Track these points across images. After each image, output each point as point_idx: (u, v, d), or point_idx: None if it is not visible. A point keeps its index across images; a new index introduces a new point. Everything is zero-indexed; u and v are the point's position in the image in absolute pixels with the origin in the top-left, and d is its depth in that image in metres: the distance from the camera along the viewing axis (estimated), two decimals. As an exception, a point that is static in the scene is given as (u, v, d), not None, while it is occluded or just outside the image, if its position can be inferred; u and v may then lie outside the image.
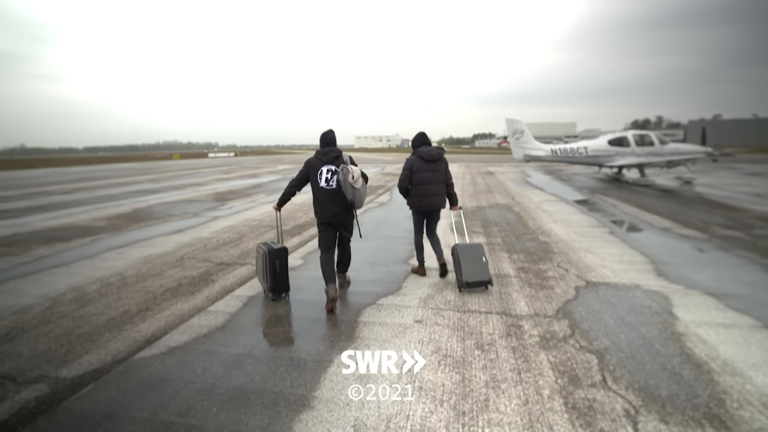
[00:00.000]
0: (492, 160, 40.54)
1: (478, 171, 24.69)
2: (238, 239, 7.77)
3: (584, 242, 7.05)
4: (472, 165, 31.56)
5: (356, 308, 4.43)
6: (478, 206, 11.28)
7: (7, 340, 3.93)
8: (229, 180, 21.87)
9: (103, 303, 4.78)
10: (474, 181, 18.39)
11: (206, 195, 15.17)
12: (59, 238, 8.20)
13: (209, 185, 19.11)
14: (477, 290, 4.85)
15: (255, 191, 16.06)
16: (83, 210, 12.10)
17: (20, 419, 2.77)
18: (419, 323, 4.03)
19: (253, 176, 24.22)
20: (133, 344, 3.77)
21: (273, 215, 9.96)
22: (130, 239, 7.98)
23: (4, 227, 9.60)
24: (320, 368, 3.26)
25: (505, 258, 6.23)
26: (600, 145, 17.67)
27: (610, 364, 3.20)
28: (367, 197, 7.52)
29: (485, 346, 3.55)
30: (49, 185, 21.49)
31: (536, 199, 12.46)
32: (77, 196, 16.00)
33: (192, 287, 5.22)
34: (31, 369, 3.41)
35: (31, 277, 5.78)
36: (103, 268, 6.13)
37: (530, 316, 4.15)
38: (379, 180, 18.39)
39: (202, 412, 2.78)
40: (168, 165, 44.84)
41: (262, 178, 22.81)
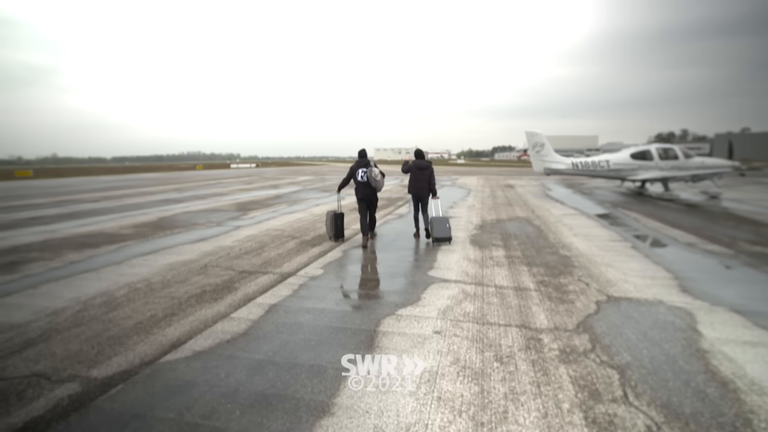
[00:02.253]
0: (512, 173, 40.30)
1: (497, 184, 24.59)
2: (260, 248, 7.92)
3: (606, 257, 6.97)
4: (492, 178, 31.42)
5: (375, 318, 4.48)
6: (498, 219, 11.24)
7: (41, 340, 4.10)
8: (251, 190, 22.26)
9: (131, 307, 4.94)
10: (493, 194, 18.33)
11: (229, 205, 15.49)
12: (89, 245, 8.50)
13: (231, 195, 19.50)
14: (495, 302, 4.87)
15: (276, 202, 16.32)
16: (111, 218, 12.50)
17: (54, 416, 2.90)
18: (438, 334, 4.05)
19: (274, 187, 24.61)
20: (160, 348, 3.90)
21: (293, 226, 10.24)
22: (155, 246, 8.22)
23: (38, 233, 9.99)
24: (340, 376, 3.32)
25: (524, 271, 6.21)
26: (622, 158, 17.43)
27: (632, 380, 3.17)
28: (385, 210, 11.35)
29: (504, 359, 3.55)
30: (79, 193, 22.24)
31: (556, 213, 12.35)
32: (105, 204, 16.53)
33: (215, 294, 5.36)
34: (64, 368, 3.55)
35: (63, 281, 6.01)
36: (130, 273, 6.33)
37: (550, 329, 4.13)
38: (398, 192, 18.49)
39: (226, 415, 2.86)
40: (192, 175, 45.90)
41: (282, 189, 23.15)
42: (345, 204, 10.22)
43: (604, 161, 17.68)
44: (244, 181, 31.05)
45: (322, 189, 22.33)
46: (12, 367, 3.59)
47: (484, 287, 5.49)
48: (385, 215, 12.09)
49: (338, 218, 8.56)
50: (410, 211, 12.36)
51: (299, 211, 13.32)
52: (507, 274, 6.06)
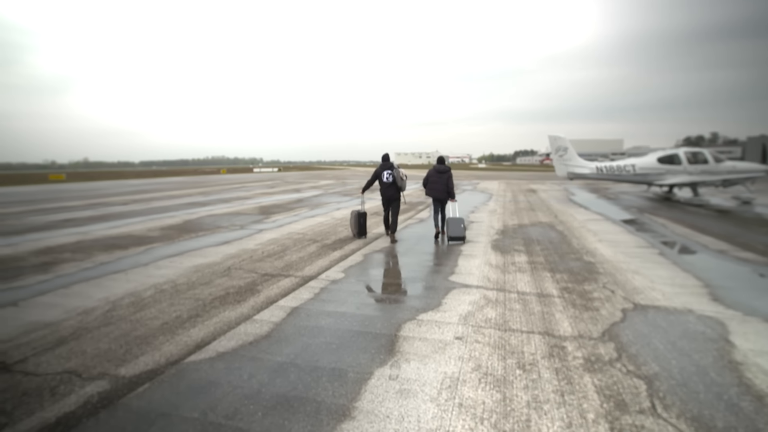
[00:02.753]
0: (534, 177, 39.78)
1: (519, 188, 24.31)
2: (282, 252, 8.01)
3: (632, 263, 6.80)
4: (514, 182, 31.09)
5: (396, 323, 4.48)
6: (520, 224, 11.11)
7: (73, 338, 4.24)
8: (273, 194, 22.57)
9: (158, 308, 5.06)
10: (515, 199, 18.12)
11: (251, 208, 15.73)
12: (118, 246, 8.75)
13: (254, 199, 19.81)
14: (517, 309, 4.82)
15: (297, 206, 16.50)
16: (139, 220, 12.85)
17: (85, 412, 2.99)
18: (459, 340, 4.02)
19: (296, 191, 24.88)
20: (185, 348, 3.98)
21: (315, 230, 10.33)
22: (181, 249, 8.41)
23: (70, 235, 10.35)
24: (361, 380, 3.33)
25: (547, 277, 6.11)
26: (649, 162, 17.01)
27: (660, 391, 3.08)
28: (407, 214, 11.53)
29: (527, 366, 3.50)
30: (109, 197, 22.95)
31: (580, 218, 12.13)
32: (133, 207, 17.00)
33: (239, 296, 5.44)
34: (94, 366, 3.66)
35: (93, 282, 6.21)
36: (157, 275, 6.49)
37: (574, 337, 4.05)
38: (419, 196, 18.44)
39: (249, 416, 2.90)
40: (216, 179, 46.81)
41: (304, 193, 23.40)
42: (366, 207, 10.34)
43: (629, 165, 17.30)
44: (267, 185, 31.51)
45: (343, 193, 22.47)
46: (45, 364, 3.72)
47: (506, 293, 5.42)
48: (405, 219, 12.08)
49: (361, 217, 9.38)
50: (431, 215, 12.41)
51: (321, 215, 13.44)
52: (529, 280, 5.98)
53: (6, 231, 11.25)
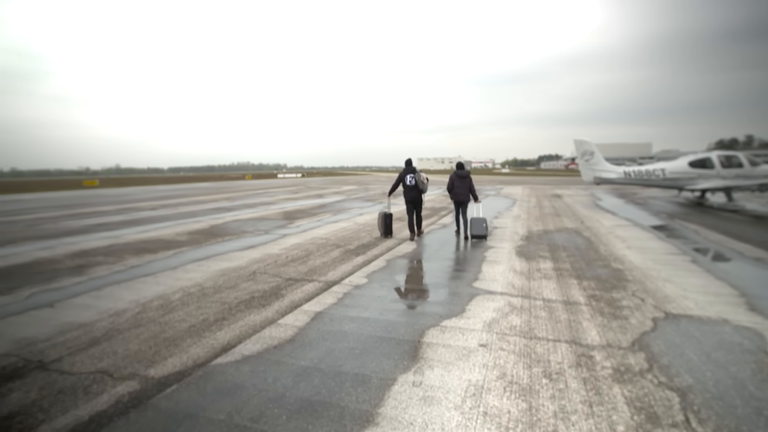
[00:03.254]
0: (559, 182, 39.09)
1: (544, 193, 23.93)
2: (306, 256, 8.09)
3: (662, 271, 6.60)
4: (538, 187, 30.62)
5: (420, 329, 4.46)
6: (545, 230, 10.92)
7: (105, 339, 4.38)
8: (297, 200, 22.84)
9: (185, 311, 5.18)
10: (540, 204, 17.84)
11: (276, 213, 15.95)
12: (148, 250, 9.00)
13: (278, 204, 20.08)
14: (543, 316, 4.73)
15: (321, 211, 16.65)
16: (168, 225, 13.19)
17: (116, 411, 3.08)
18: (484, 347, 3.97)
19: (319, 196, 25.12)
20: (211, 351, 4.05)
21: (338, 235, 10.40)
22: (208, 253, 8.59)
23: (103, 239, 10.71)
24: (384, 386, 3.32)
25: (574, 284, 5.98)
26: (680, 166, 16.51)
27: (695, 404, 2.97)
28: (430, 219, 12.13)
29: (553, 375, 3.43)
30: (139, 202, 23.65)
31: (608, 224, 11.84)
32: (162, 212, 17.47)
33: (263, 300, 5.52)
34: (125, 367, 3.77)
35: (124, 284, 6.40)
36: (185, 278, 6.64)
37: (602, 346, 3.95)
38: (441, 202, 18.39)
39: (273, 419, 2.93)
40: (241, 185, 47.69)
41: (327, 198, 23.60)
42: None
43: (659, 170, 16.82)
44: (290, 191, 31.89)
45: (365, 198, 22.57)
46: (79, 363, 3.85)
47: (531, 300, 5.34)
48: (429, 225, 12.05)
49: (388, 218, 10.17)
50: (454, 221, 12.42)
51: (343, 220, 13.52)
52: (555, 287, 5.86)
53: (43, 235, 11.72)
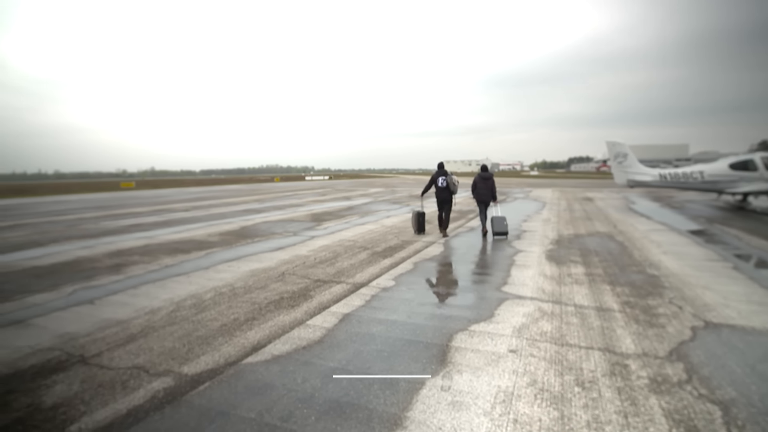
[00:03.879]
0: (590, 185, 38.12)
1: (574, 197, 23.37)
2: (334, 258, 8.16)
3: (701, 278, 6.34)
4: (568, 190, 29.95)
5: (448, 333, 4.42)
6: (576, 234, 10.66)
7: (141, 336, 4.53)
8: (324, 202, 23.08)
9: (217, 310, 5.30)
10: (570, 207, 17.43)
11: (304, 215, 16.16)
12: (181, 250, 9.27)
13: (306, 206, 20.34)
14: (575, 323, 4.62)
15: (348, 213, 16.76)
16: (200, 226, 13.56)
17: (152, 406, 3.18)
18: (513, 353, 3.91)
19: (346, 198, 25.31)
20: (242, 350, 4.13)
21: (365, 237, 10.46)
22: (238, 254, 8.78)
23: (139, 239, 11.10)
24: (412, 389, 3.31)
25: (607, 290, 5.82)
26: (719, 169, 15.81)
27: (738, 419, 2.83)
28: (457, 222, 12.64)
29: (586, 384, 3.34)
30: (173, 203, 24.41)
31: (642, 228, 11.46)
32: (195, 213, 17.97)
33: (292, 301, 5.60)
34: (160, 363, 3.89)
35: (159, 283, 6.61)
36: (216, 278, 6.81)
37: (638, 355, 3.82)
38: (468, 204, 18.15)
39: (302, 419, 2.96)
40: (270, 187, 48.55)
41: (354, 200, 23.75)
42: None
43: (697, 172, 16.17)
44: (318, 193, 32.26)
45: (392, 201, 22.58)
46: (118, 359, 3.99)
47: (562, 306, 5.22)
48: (456, 228, 11.97)
49: (421, 216, 11.06)
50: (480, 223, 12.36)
51: (370, 222, 13.58)
52: (587, 293, 5.72)
53: (84, 234, 12.25)
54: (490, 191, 10.53)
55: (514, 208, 17.82)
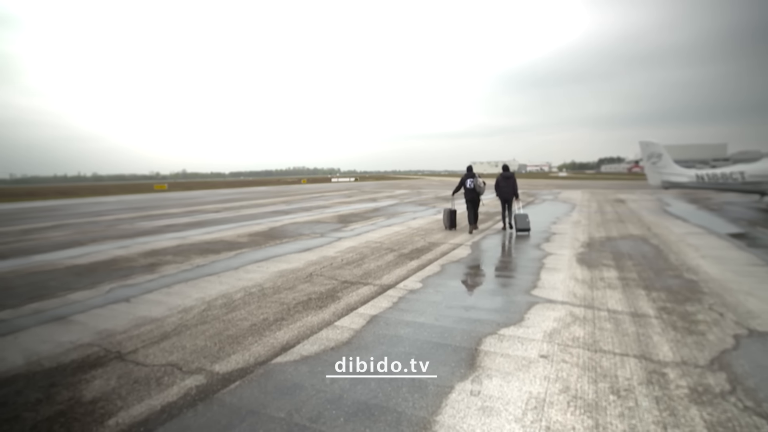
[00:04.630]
0: (621, 186, 37.05)
1: (605, 198, 22.74)
2: (360, 260, 8.19)
3: (744, 283, 6.05)
4: (599, 192, 29.18)
5: (476, 336, 4.37)
6: (608, 237, 10.36)
7: (174, 334, 4.65)
8: (351, 203, 23.21)
9: (247, 310, 5.39)
10: (601, 209, 16.97)
11: (330, 217, 16.30)
12: (211, 251, 9.49)
13: (333, 208, 20.51)
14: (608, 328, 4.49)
15: (374, 215, 16.80)
16: (229, 227, 13.85)
17: (185, 403, 3.26)
18: (545, 358, 3.82)
19: (372, 200, 25.38)
20: (271, 350, 4.19)
21: (391, 239, 10.45)
22: (267, 254, 8.92)
23: (172, 239, 11.43)
24: (441, 393, 3.28)
25: (641, 295, 5.63)
26: (763, 169, 15.09)
27: (787, 433, 2.69)
28: (485, 224, 12.98)
29: (622, 392, 3.23)
30: (204, 205, 25.03)
31: (678, 231, 11.04)
32: (224, 214, 18.37)
33: (320, 302, 5.64)
34: (192, 361, 3.98)
35: (191, 283, 6.78)
36: (246, 278, 6.93)
37: (676, 363, 3.68)
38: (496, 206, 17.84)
39: (331, 420, 2.98)
40: (297, 188, 49.18)
41: (380, 202, 23.79)
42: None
43: (737, 173, 15.48)
44: (344, 195, 32.48)
45: (418, 203, 22.51)
46: (152, 356, 4.11)
47: (594, 311, 5.08)
48: (484, 230, 11.83)
49: (452, 213, 12.17)
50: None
51: (397, 224, 13.57)
52: (621, 298, 5.55)
53: (120, 234, 12.69)
54: (512, 189, 11.27)
55: (543, 210, 17.49)
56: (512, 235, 10.74)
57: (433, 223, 13.67)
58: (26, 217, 20.45)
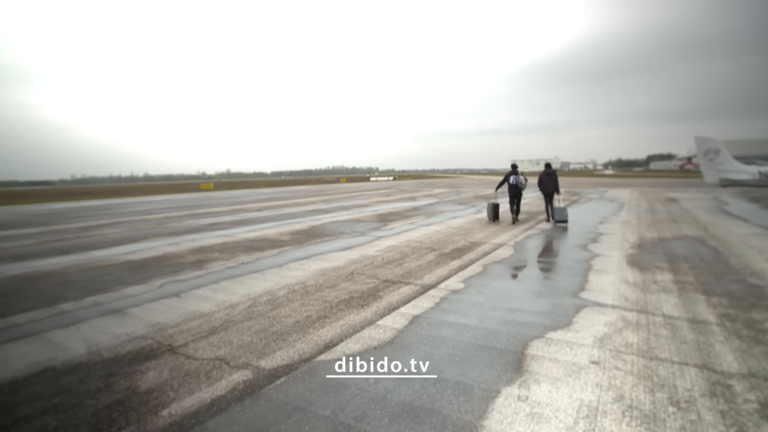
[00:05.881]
0: (673, 184, 35.18)
1: (656, 197, 21.64)
2: (401, 259, 8.16)
3: (818, 290, 5.58)
4: (648, 190, 27.81)
5: (523, 339, 4.24)
6: (660, 238, 9.84)
7: (222, 329, 4.79)
8: (389, 202, 23.24)
9: (290, 307, 5.49)
10: (652, 209, 16.15)
11: (370, 216, 16.37)
12: (255, 248, 9.74)
13: (372, 207, 20.60)
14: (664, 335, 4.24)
15: (414, 214, 16.74)
16: (272, 225, 14.18)
17: (233, 397, 3.33)
18: (596, 365, 3.66)
19: (411, 199, 25.31)
20: (315, 347, 4.23)
21: (432, 238, 10.39)
22: (309, 253, 9.06)
23: (217, 237, 11.84)
24: (487, 397, 3.20)
25: (700, 300, 5.29)
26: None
27: None
28: (528, 223, 12.90)
29: (682, 404, 3.04)
30: (247, 203, 25.79)
31: (739, 232, 10.33)
32: (267, 213, 18.84)
33: (362, 301, 5.66)
34: (239, 356, 4.08)
35: (237, 279, 6.97)
36: (289, 276, 7.06)
37: (743, 375, 3.42)
38: (539, 205, 17.41)
39: (376, 420, 2.96)
40: (336, 187, 49.82)
41: (419, 201, 23.69)
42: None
43: (808, 170, 14.33)
44: (383, 194, 32.57)
45: (458, 202, 22.24)
46: (202, 350, 4.25)
47: (648, 315, 4.82)
48: (526, 230, 11.53)
49: (496, 207, 13.49)
50: (552, 225, 12.35)
51: (437, 223, 13.46)
52: (677, 303, 5.24)
53: (170, 232, 13.27)
54: (553, 185, 12.64)
55: (589, 209, 16.85)
56: (556, 236, 10.40)
57: (473, 222, 13.46)
58: (85, 215, 21.78)
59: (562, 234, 10.69)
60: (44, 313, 5.59)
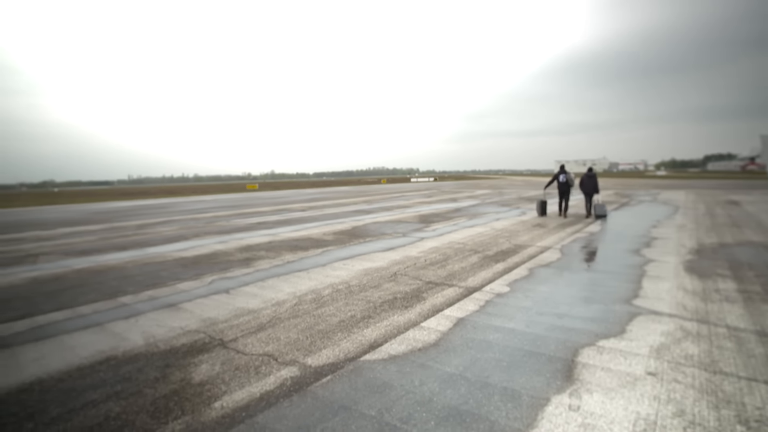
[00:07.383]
0: (734, 186, 32.92)
1: (714, 200, 20.33)
2: (444, 260, 8.10)
3: None
4: (705, 192, 26.18)
5: (572, 347, 4.10)
6: (720, 243, 9.24)
7: (270, 326, 4.93)
8: (431, 203, 23.13)
9: (335, 306, 5.56)
10: (711, 212, 15.18)
11: (412, 217, 16.35)
12: (300, 248, 9.95)
13: (414, 208, 20.57)
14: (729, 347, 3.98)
15: (456, 215, 16.57)
16: (315, 225, 14.46)
17: (281, 393, 3.42)
18: (653, 376, 3.48)
19: (453, 200, 25.06)
20: (360, 347, 4.27)
21: (474, 240, 10.26)
22: (352, 253, 9.16)
23: (264, 236, 12.20)
24: (537, 405, 3.11)
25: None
26: None
27: None
28: (575, 226, 12.52)
29: (752, 423, 2.83)
30: (291, 203, 26.43)
31: (814, 239, 9.54)
32: (310, 213, 19.22)
33: (405, 302, 5.66)
34: (287, 353, 4.18)
35: (283, 277, 7.15)
36: (333, 275, 7.17)
37: (821, 394, 3.16)
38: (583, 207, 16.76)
39: (422, 423, 2.95)
40: (377, 188, 50.10)
41: (461, 202, 23.42)
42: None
43: None
44: (424, 195, 32.45)
45: (500, 203, 21.81)
46: (251, 345, 4.39)
47: (710, 326, 4.54)
48: (574, 233, 11.14)
49: (544, 203, 15.10)
50: (602, 229, 11.91)
51: (479, 225, 13.26)
52: (743, 313, 4.90)
53: (219, 230, 13.80)
54: (593, 185, 14.26)
55: (640, 212, 16.07)
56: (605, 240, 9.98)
57: (518, 224, 13.16)
58: (140, 213, 23.05)
59: (612, 238, 10.25)
60: (106, 305, 5.95)
